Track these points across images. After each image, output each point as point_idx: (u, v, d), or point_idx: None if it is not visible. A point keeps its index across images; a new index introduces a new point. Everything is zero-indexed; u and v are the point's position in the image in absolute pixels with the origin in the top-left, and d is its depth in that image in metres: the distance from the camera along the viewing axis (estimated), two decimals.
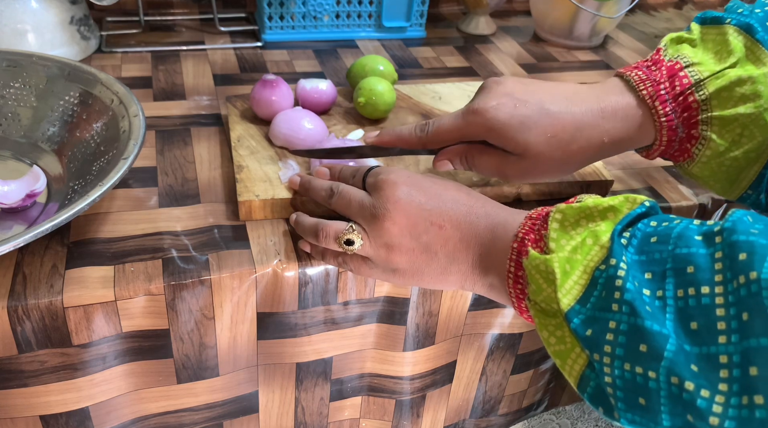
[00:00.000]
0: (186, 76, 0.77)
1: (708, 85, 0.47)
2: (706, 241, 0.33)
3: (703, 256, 0.32)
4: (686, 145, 0.50)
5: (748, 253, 0.30)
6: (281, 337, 0.54)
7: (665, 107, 0.48)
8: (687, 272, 0.32)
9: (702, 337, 0.31)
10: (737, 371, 0.29)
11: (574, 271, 0.37)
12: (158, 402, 0.54)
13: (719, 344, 0.30)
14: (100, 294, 0.46)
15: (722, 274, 0.31)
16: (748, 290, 0.29)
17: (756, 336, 0.29)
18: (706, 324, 0.31)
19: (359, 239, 0.45)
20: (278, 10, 0.87)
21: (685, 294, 0.32)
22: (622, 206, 0.38)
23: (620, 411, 0.34)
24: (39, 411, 0.49)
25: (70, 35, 0.77)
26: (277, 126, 0.60)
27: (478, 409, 0.69)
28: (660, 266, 0.34)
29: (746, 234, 0.31)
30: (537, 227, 0.40)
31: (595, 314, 0.35)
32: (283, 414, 0.60)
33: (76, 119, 0.60)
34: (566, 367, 0.37)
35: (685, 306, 0.32)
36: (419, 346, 0.59)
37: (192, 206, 0.56)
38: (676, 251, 0.33)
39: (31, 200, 0.54)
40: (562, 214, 0.39)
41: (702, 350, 0.30)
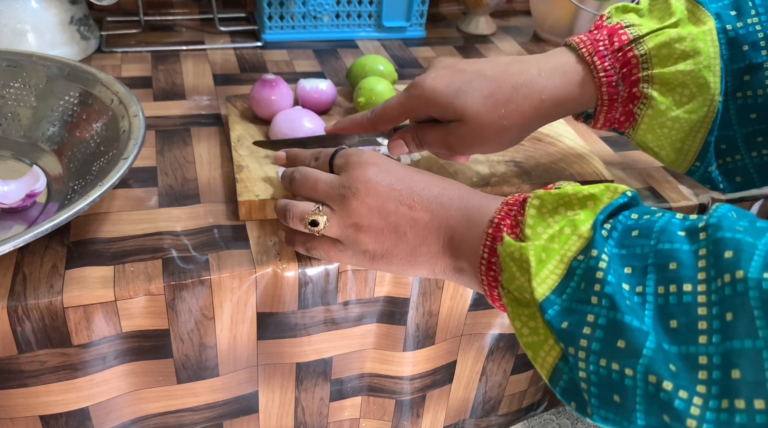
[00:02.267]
0: (186, 76, 0.77)
1: (647, 41, 0.48)
2: (690, 237, 0.32)
3: (687, 253, 0.31)
4: (629, 106, 0.50)
5: (734, 251, 0.29)
6: (281, 337, 0.54)
7: (603, 61, 0.48)
8: (669, 269, 0.31)
9: (682, 336, 0.30)
10: (717, 373, 0.28)
11: (551, 260, 0.36)
12: (158, 402, 0.54)
13: (699, 344, 0.29)
14: (100, 294, 0.46)
15: (706, 272, 0.30)
16: (734, 290, 0.28)
17: (740, 337, 0.28)
18: (687, 322, 0.30)
19: (324, 220, 0.44)
20: (278, 10, 0.87)
21: (666, 291, 0.31)
22: (603, 195, 0.37)
23: (593, 408, 0.33)
24: (39, 411, 0.49)
25: (70, 35, 0.77)
26: (277, 126, 0.60)
27: (478, 409, 0.69)
28: (641, 261, 0.33)
29: (732, 231, 0.30)
30: (513, 213, 0.39)
31: (571, 305, 0.34)
32: (283, 414, 0.60)
33: (76, 118, 0.60)
34: (538, 359, 0.36)
35: (666, 304, 0.31)
36: (419, 346, 0.59)
37: (192, 206, 0.56)
38: (659, 246, 0.32)
39: (31, 200, 0.54)
40: (540, 200, 0.38)
41: (681, 349, 0.30)
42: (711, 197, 0.63)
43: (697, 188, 0.64)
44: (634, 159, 0.69)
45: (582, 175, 0.60)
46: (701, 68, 0.46)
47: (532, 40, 0.98)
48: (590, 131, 0.74)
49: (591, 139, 0.72)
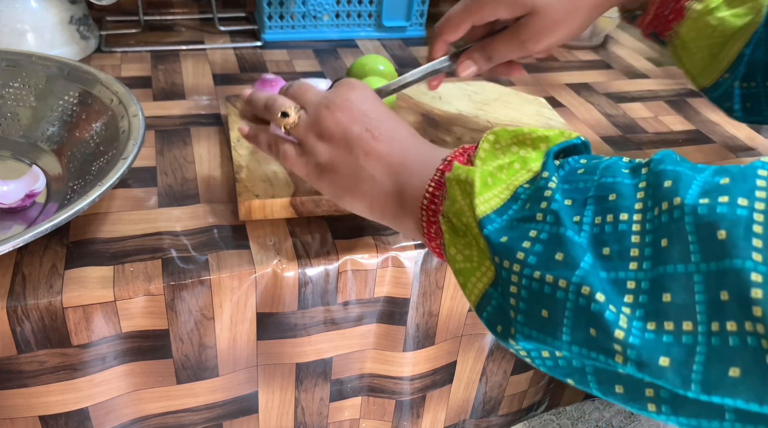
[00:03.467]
0: (186, 76, 0.77)
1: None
2: (633, 172, 0.32)
3: (627, 186, 0.32)
4: (680, 2, 0.53)
5: (673, 180, 0.29)
6: (281, 337, 0.53)
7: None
8: (608, 200, 0.32)
9: (613, 262, 0.30)
10: (644, 297, 0.28)
11: (496, 186, 0.36)
12: (158, 403, 0.54)
13: (629, 269, 0.29)
14: (99, 294, 0.46)
15: (643, 202, 0.30)
16: (670, 216, 0.28)
17: (672, 261, 0.28)
18: (619, 249, 0.30)
19: (295, 114, 0.46)
20: (278, 9, 0.87)
21: (602, 221, 0.31)
22: (557, 138, 0.38)
23: (518, 325, 0.32)
24: (38, 411, 0.49)
25: (70, 35, 0.77)
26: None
27: (479, 410, 0.69)
28: (583, 194, 0.33)
29: (673, 165, 0.30)
30: (467, 153, 0.40)
31: (512, 223, 0.34)
32: (283, 415, 0.60)
33: (75, 118, 0.60)
34: (469, 285, 0.36)
35: (600, 232, 0.31)
36: (419, 346, 0.59)
37: (191, 206, 0.55)
38: (602, 180, 0.33)
39: (31, 200, 0.54)
40: (494, 136, 0.39)
41: (610, 275, 0.30)
42: None
43: None
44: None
45: None
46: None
47: None
48: (590, 131, 0.74)
49: (591, 139, 0.72)
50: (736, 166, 0.29)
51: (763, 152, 0.73)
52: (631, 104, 0.81)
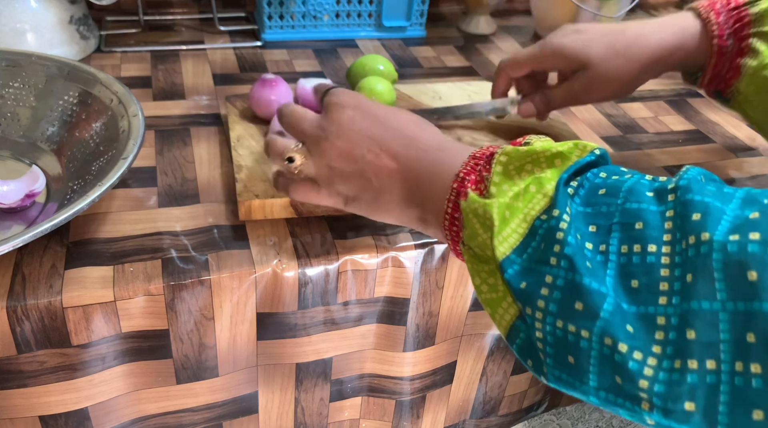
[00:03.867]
0: (185, 76, 0.77)
1: (762, 2, 0.53)
2: (658, 197, 0.31)
3: (654, 213, 0.31)
4: (737, 59, 0.54)
5: (702, 214, 0.29)
6: (281, 337, 0.53)
7: (718, 17, 0.55)
8: (635, 228, 0.31)
9: (642, 296, 0.29)
10: (673, 333, 0.28)
11: (514, 218, 0.35)
12: (158, 403, 0.54)
13: (659, 304, 0.29)
14: (99, 294, 0.46)
15: (672, 233, 0.30)
16: (697, 251, 0.28)
17: (698, 298, 0.27)
18: (648, 283, 0.29)
19: (301, 157, 0.45)
20: (278, 9, 0.87)
21: (629, 251, 0.31)
22: (571, 152, 0.36)
23: (548, 367, 0.32)
24: (38, 411, 0.49)
25: (70, 35, 0.77)
26: (277, 125, 0.60)
27: (479, 410, 0.69)
28: (607, 219, 0.32)
29: (701, 195, 0.30)
30: (479, 168, 0.38)
31: (531, 266, 0.33)
32: (283, 415, 0.60)
33: (75, 118, 0.60)
34: (497, 316, 0.36)
35: (628, 263, 0.30)
36: (419, 346, 0.59)
37: (191, 206, 0.55)
38: (626, 205, 0.32)
39: (31, 200, 0.54)
40: (507, 157, 0.37)
41: (640, 309, 0.29)
42: None
43: None
44: (635, 159, 0.69)
45: None
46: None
47: (533, 40, 0.98)
48: (590, 132, 0.74)
49: (591, 139, 0.72)
50: (764, 192, 0.29)
51: (763, 152, 0.73)
52: (632, 104, 0.81)
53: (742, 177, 0.68)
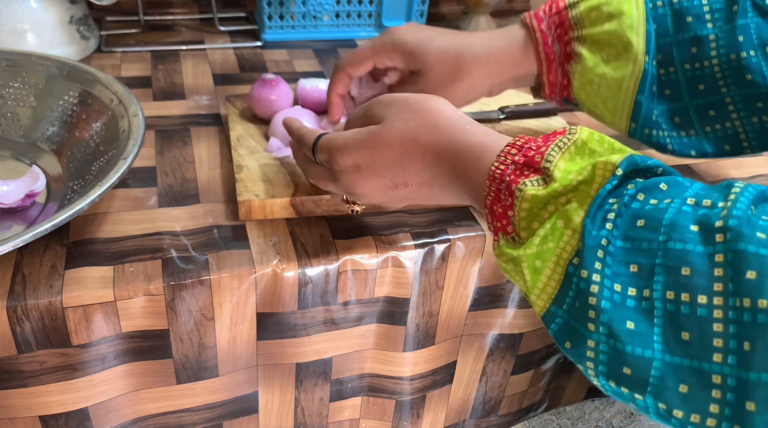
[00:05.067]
0: (185, 76, 0.77)
1: (580, 5, 0.54)
2: (705, 236, 0.29)
3: (701, 256, 0.29)
4: (565, 65, 0.55)
5: (758, 273, 0.26)
6: (281, 337, 0.53)
7: (540, 24, 0.55)
8: (681, 274, 0.29)
9: (695, 350, 0.28)
10: (731, 395, 0.27)
11: (546, 265, 0.34)
12: (158, 403, 0.54)
13: (713, 362, 0.27)
14: (99, 294, 0.46)
15: (723, 283, 0.28)
16: (754, 319, 0.26)
17: (757, 369, 0.26)
18: (700, 337, 0.28)
19: (351, 204, 0.49)
20: (278, 9, 0.87)
21: (677, 298, 0.29)
22: (592, 180, 0.34)
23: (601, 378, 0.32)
24: (38, 411, 0.49)
25: (70, 35, 0.77)
26: (277, 126, 0.60)
27: (479, 410, 0.69)
28: (649, 258, 0.30)
29: (755, 244, 0.27)
30: (502, 196, 0.37)
31: (571, 322, 0.33)
32: (283, 415, 0.60)
33: (75, 118, 0.60)
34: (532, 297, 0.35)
35: (677, 312, 0.29)
36: (419, 346, 0.59)
37: (191, 206, 0.55)
38: (669, 244, 0.30)
39: (31, 200, 0.54)
40: (529, 203, 0.35)
41: (694, 364, 0.28)
42: None
43: None
44: None
45: None
46: (624, 28, 0.51)
47: None
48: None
49: None
50: None
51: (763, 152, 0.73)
52: None
53: (742, 177, 0.68)
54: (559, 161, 0.35)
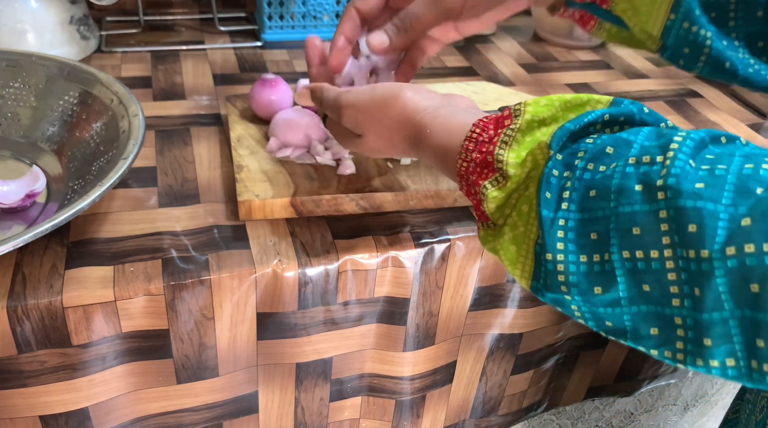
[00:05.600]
0: (186, 76, 0.77)
1: None
2: (648, 195, 0.31)
3: (647, 214, 0.31)
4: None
5: (698, 226, 0.29)
6: (281, 337, 0.53)
7: None
8: (633, 234, 0.31)
9: (656, 298, 0.31)
10: (692, 333, 0.30)
11: (520, 248, 0.36)
12: (158, 403, 0.54)
13: (673, 306, 0.31)
14: (99, 294, 0.46)
15: (669, 237, 0.30)
16: (699, 267, 0.29)
17: (708, 311, 0.29)
18: (659, 287, 0.31)
19: None
20: (278, 9, 0.87)
21: (632, 256, 0.32)
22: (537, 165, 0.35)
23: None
24: (38, 411, 0.49)
25: (70, 35, 0.77)
26: (277, 126, 0.60)
27: (479, 409, 0.69)
28: (604, 225, 0.33)
29: (693, 198, 0.29)
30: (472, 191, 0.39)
31: (552, 294, 0.35)
32: (283, 415, 0.60)
33: (75, 118, 0.60)
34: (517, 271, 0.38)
35: (634, 269, 0.32)
36: (419, 346, 0.59)
37: (192, 206, 0.56)
38: (619, 209, 0.32)
39: (31, 200, 0.54)
40: (493, 202, 0.37)
41: (658, 310, 0.31)
42: None
43: None
44: None
45: None
46: None
47: (532, 40, 0.98)
48: None
49: None
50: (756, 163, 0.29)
51: None
52: None
53: None
54: (508, 156, 0.37)
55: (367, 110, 0.45)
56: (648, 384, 0.80)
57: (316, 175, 0.57)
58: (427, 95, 0.44)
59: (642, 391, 0.82)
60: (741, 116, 0.81)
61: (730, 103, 0.84)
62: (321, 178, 0.56)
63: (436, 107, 0.43)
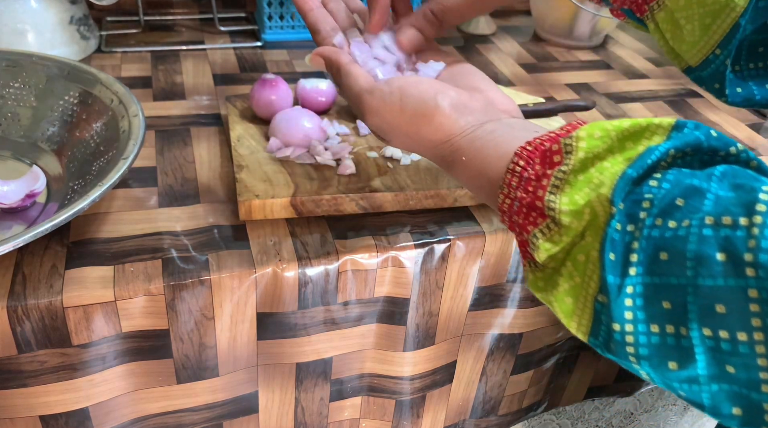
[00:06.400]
0: (186, 76, 0.77)
1: None
2: (734, 269, 0.27)
3: (733, 291, 0.27)
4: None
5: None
6: (281, 337, 0.54)
7: None
8: (716, 312, 0.27)
9: (741, 381, 0.27)
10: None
11: (576, 302, 0.32)
12: (158, 403, 0.54)
13: (762, 392, 0.27)
14: (99, 294, 0.46)
15: (760, 319, 0.26)
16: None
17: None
18: (746, 371, 0.27)
19: None
20: (278, 9, 0.87)
21: (715, 335, 0.27)
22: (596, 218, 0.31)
23: None
24: (38, 411, 0.49)
25: (70, 35, 0.77)
26: (277, 126, 0.60)
27: (478, 409, 0.69)
28: (680, 295, 0.28)
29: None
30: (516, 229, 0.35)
31: (614, 358, 0.31)
32: (283, 415, 0.60)
33: (75, 118, 0.60)
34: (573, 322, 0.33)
35: (717, 348, 0.28)
36: (419, 346, 0.59)
37: (192, 206, 0.56)
38: (699, 280, 0.28)
39: (31, 200, 0.54)
40: (545, 253, 0.33)
41: (743, 391, 0.27)
42: None
43: None
44: None
45: None
46: None
47: (532, 40, 0.98)
48: None
49: None
50: None
51: (762, 152, 0.73)
52: (631, 104, 0.81)
53: None
54: (561, 202, 0.32)
55: (395, 123, 0.41)
56: (648, 384, 0.80)
57: (316, 175, 0.57)
58: (465, 109, 0.39)
59: (642, 391, 0.82)
60: (741, 116, 0.81)
61: None
62: (321, 178, 0.56)
63: (475, 127, 0.38)
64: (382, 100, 0.41)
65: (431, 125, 0.39)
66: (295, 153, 0.59)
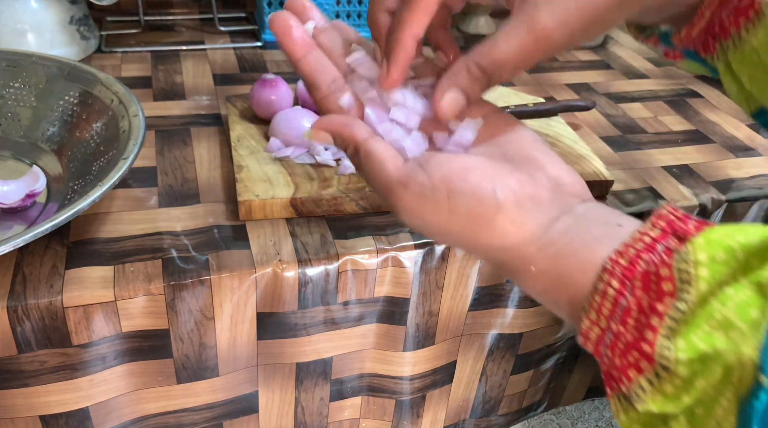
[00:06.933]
0: (186, 76, 0.77)
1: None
2: None
3: None
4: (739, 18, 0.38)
5: None
6: (281, 337, 0.54)
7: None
8: None
9: None
10: None
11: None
12: (158, 403, 0.54)
13: None
14: (99, 294, 0.46)
15: None
16: None
17: None
18: None
19: None
20: (278, 9, 0.87)
21: None
22: (724, 384, 0.24)
23: None
24: (39, 411, 0.49)
25: (70, 35, 0.77)
26: (277, 126, 0.60)
27: (478, 409, 0.69)
28: None
29: None
30: (606, 361, 0.27)
31: None
32: (283, 415, 0.60)
33: (75, 118, 0.60)
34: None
35: None
36: (419, 346, 0.59)
37: (192, 206, 0.56)
38: None
39: (31, 200, 0.54)
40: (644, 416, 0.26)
41: None
42: (711, 197, 0.63)
43: (696, 188, 0.64)
44: (635, 159, 0.69)
45: (582, 175, 0.60)
46: None
47: None
48: (590, 132, 0.74)
49: (591, 139, 0.72)
50: None
51: (762, 152, 0.73)
52: (631, 104, 0.81)
53: (742, 177, 0.68)
54: (677, 348, 0.25)
55: (442, 228, 0.31)
56: None
57: (316, 175, 0.57)
58: (532, 204, 0.30)
59: None
60: (741, 116, 0.81)
61: (730, 104, 0.84)
62: (321, 178, 0.56)
63: (546, 229, 0.30)
64: (423, 197, 0.31)
65: (492, 231, 0.31)
66: (295, 153, 0.59)
